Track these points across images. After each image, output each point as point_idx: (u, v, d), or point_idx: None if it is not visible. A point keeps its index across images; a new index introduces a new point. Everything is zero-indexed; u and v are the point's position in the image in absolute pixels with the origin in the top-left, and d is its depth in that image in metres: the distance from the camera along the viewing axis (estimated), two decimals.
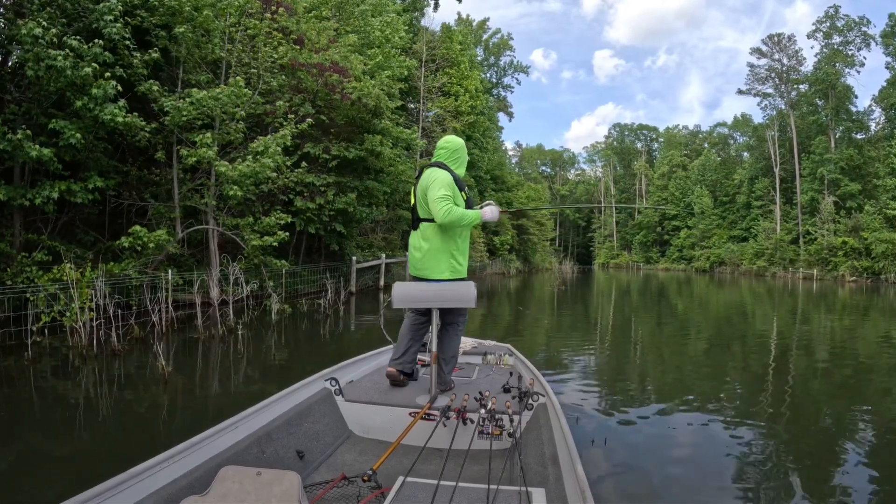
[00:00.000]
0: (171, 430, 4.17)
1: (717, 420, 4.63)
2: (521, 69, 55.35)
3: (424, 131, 29.14)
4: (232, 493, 1.70)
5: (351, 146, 14.96)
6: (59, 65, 7.93)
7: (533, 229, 43.07)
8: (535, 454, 2.50)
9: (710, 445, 4.08)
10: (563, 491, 2.01)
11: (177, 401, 5.07)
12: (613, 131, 78.28)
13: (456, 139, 3.44)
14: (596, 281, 35.63)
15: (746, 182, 48.88)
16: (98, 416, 4.53)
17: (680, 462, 3.77)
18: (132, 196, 10.59)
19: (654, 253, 62.34)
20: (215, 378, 5.98)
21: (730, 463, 3.68)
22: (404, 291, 3.12)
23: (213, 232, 11.29)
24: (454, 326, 3.40)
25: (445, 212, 3.01)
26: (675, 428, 4.48)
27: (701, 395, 5.59)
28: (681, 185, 58.91)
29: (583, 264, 68.50)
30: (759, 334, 10.90)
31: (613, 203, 62.48)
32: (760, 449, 3.98)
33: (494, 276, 32.96)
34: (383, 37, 19.06)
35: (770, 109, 47.20)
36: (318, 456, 2.71)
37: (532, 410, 2.94)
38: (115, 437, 4.07)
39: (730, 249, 47.32)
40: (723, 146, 61.06)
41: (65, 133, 8.27)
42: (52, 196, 8.33)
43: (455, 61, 33.25)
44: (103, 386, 5.47)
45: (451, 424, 2.78)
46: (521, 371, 3.85)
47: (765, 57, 46.33)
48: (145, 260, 9.75)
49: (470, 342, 4.52)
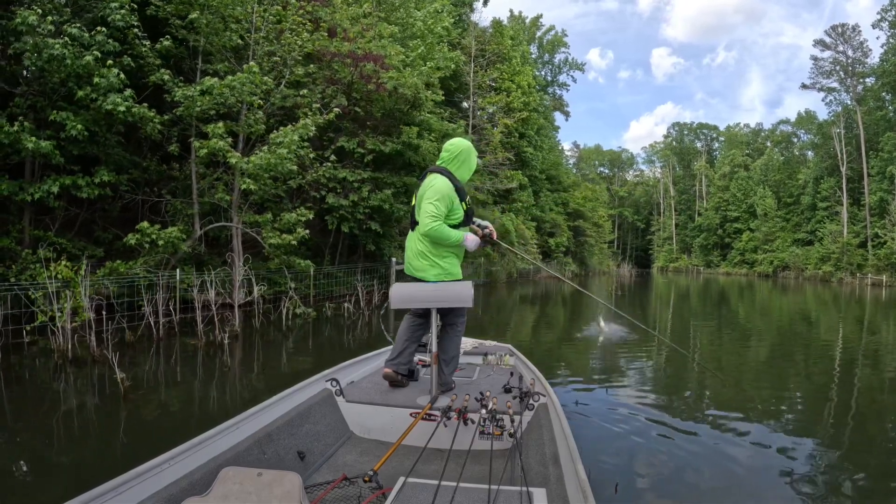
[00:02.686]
0: (89, 464, 3.24)
1: (761, 430, 4.30)
2: (576, 66, 53.08)
3: (475, 128, 28.12)
4: (233, 494, 1.69)
5: (388, 140, 14.03)
6: (57, 53, 7.43)
7: (590, 231, 40.92)
8: (536, 454, 2.44)
9: (734, 454, 3.79)
10: (565, 491, 1.98)
11: (122, 424, 4.15)
12: (672, 130, 75.81)
13: (461, 141, 3.30)
14: (654, 285, 33.86)
15: (811, 182, 46.14)
16: (14, 437, 3.68)
17: (692, 467, 3.53)
18: (152, 192, 10.08)
19: (714, 256, 59.76)
20: (180, 396, 5.01)
21: (759, 472, 3.49)
22: (402, 292, 3.06)
23: (236, 230, 10.63)
24: (453, 327, 3.33)
25: (430, 228, 3.01)
26: (721, 441, 4.08)
27: (742, 404, 5.14)
28: (743, 185, 56.14)
29: (641, 267, 66.99)
30: (822, 343, 10.06)
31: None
32: (789, 459, 3.69)
33: (549, 280, 31.31)
34: (426, 27, 18.12)
35: (835, 105, 44.47)
36: (318, 457, 2.67)
37: (533, 411, 2.89)
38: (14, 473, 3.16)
39: (794, 253, 44.85)
40: (786, 145, 58.27)
41: (66, 125, 7.76)
42: (53, 190, 7.83)
43: (506, 56, 31.98)
44: (47, 400, 4.65)
45: (451, 425, 2.77)
46: (522, 371, 3.77)
47: (828, 49, 43.75)
48: (158, 259, 9.15)
49: (470, 342, 4.45)
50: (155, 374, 5.72)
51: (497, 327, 10.46)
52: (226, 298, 8.71)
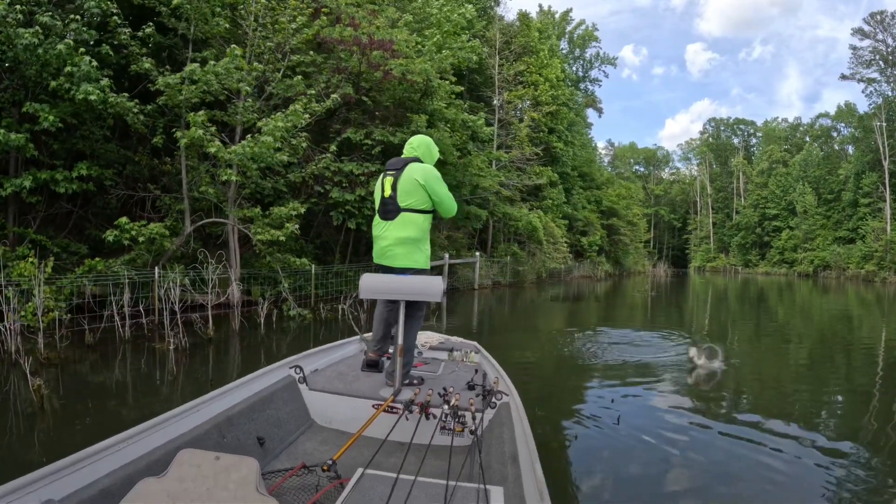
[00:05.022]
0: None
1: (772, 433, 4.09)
2: (607, 61, 51.23)
3: (501, 122, 27.17)
4: (190, 477, 1.65)
5: (398, 130, 13.32)
6: (27, 42, 7.04)
7: (624, 229, 39.16)
8: (496, 452, 2.40)
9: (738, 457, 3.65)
10: (521, 490, 1.96)
11: (28, 435, 3.52)
12: (709, 127, 72.52)
13: (421, 136, 3.47)
14: (691, 286, 32.02)
15: (852, 177, 43.63)
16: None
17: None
18: (145, 188, 9.66)
19: (753, 256, 56.87)
20: (97, 409, 4.36)
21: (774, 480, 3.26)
22: (372, 283, 3.04)
23: (232, 227, 10.11)
24: (414, 319, 3.34)
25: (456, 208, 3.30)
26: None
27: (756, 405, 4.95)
28: (781, 182, 53.45)
29: (678, 267, 64.75)
30: (865, 346, 9.30)
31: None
32: (797, 462, 3.54)
33: (582, 280, 30.02)
34: (442, 15, 17.38)
35: (876, 96, 41.89)
36: (278, 443, 2.63)
37: (495, 409, 2.86)
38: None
39: (835, 252, 42.57)
40: (826, 139, 54.99)
41: (39, 117, 7.36)
42: (25, 185, 7.43)
43: (533, 49, 30.88)
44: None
45: (413, 419, 2.73)
46: (487, 369, 3.75)
47: (867, 38, 41.17)
48: (146, 258, 8.67)
49: (437, 337, 4.42)
50: (92, 381, 5.12)
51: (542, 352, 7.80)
52: (201, 300, 8.10)
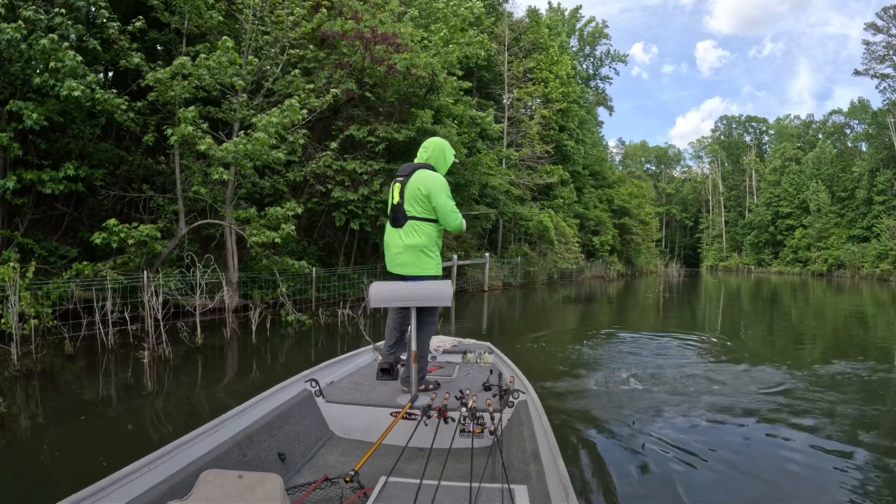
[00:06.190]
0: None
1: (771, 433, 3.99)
2: (618, 58, 50.43)
3: (510, 120, 26.66)
4: (214, 497, 1.62)
5: (403, 127, 12.88)
6: (9, 37, 6.73)
7: (636, 229, 38.46)
8: (517, 451, 2.38)
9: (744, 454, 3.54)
10: (546, 487, 1.95)
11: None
12: (720, 124, 71.37)
13: (437, 139, 3.33)
14: (704, 286, 31.14)
15: (866, 175, 42.77)
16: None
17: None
18: (139, 188, 9.32)
19: (766, 255, 55.80)
20: (61, 427, 3.99)
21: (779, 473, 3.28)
22: (382, 291, 2.96)
23: (229, 228, 9.75)
24: (427, 324, 3.27)
25: (462, 224, 3.21)
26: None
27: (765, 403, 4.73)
28: (794, 180, 52.54)
29: (690, 267, 63.82)
30: (881, 347, 8.96)
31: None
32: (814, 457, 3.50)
33: (594, 280, 29.41)
34: (448, 10, 16.93)
35: (890, 92, 41.24)
36: (299, 458, 2.62)
37: (513, 408, 2.86)
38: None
39: (849, 251, 41.66)
40: (839, 136, 53.77)
41: (23, 115, 7.04)
42: (8, 186, 7.11)
43: (543, 46, 30.33)
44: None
45: (432, 423, 2.71)
46: (502, 369, 3.74)
47: (881, 32, 40.41)
48: (138, 260, 8.33)
49: (450, 341, 4.41)
50: (64, 395, 4.74)
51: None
52: (189, 306, 7.72)
